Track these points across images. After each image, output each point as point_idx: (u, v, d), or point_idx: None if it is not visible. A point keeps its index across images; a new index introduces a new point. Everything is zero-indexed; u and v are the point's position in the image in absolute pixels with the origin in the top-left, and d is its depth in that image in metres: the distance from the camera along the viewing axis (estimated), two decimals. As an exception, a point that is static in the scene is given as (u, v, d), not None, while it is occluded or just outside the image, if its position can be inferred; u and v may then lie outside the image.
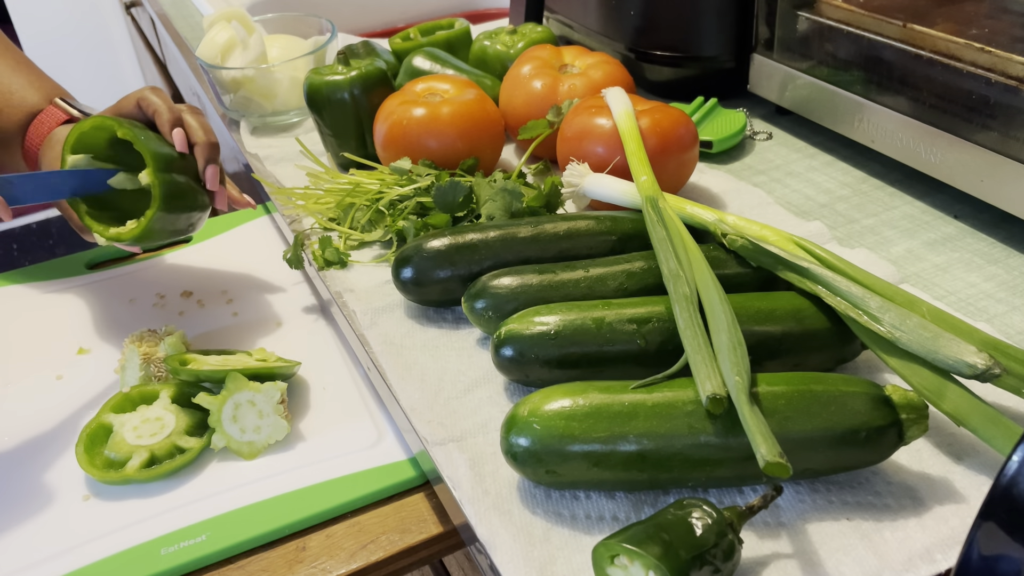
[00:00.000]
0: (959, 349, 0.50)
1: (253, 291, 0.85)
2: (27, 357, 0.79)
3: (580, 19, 1.04)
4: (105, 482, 0.64)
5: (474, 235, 0.67)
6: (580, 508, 0.52)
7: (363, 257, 0.77)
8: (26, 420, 0.72)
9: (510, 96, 0.87)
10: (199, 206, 0.77)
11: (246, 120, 1.03)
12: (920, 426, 0.50)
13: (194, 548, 0.59)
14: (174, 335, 0.73)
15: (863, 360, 0.60)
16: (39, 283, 0.89)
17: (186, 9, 1.48)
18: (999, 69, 0.67)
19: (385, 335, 0.67)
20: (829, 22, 0.81)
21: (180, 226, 0.76)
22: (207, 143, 0.76)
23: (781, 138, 0.90)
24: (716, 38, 0.91)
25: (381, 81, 0.88)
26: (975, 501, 0.50)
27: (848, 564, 0.47)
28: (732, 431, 0.49)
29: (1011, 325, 0.63)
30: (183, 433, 0.67)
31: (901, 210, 0.77)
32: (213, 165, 0.76)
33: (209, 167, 0.76)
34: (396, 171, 0.78)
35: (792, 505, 0.51)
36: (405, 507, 0.62)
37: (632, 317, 0.57)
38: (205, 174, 0.76)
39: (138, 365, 0.72)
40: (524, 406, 0.51)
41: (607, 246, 0.67)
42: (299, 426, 0.68)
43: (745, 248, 0.62)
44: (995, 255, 0.70)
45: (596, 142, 0.74)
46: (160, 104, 0.76)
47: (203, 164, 0.76)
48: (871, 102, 0.78)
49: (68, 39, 2.55)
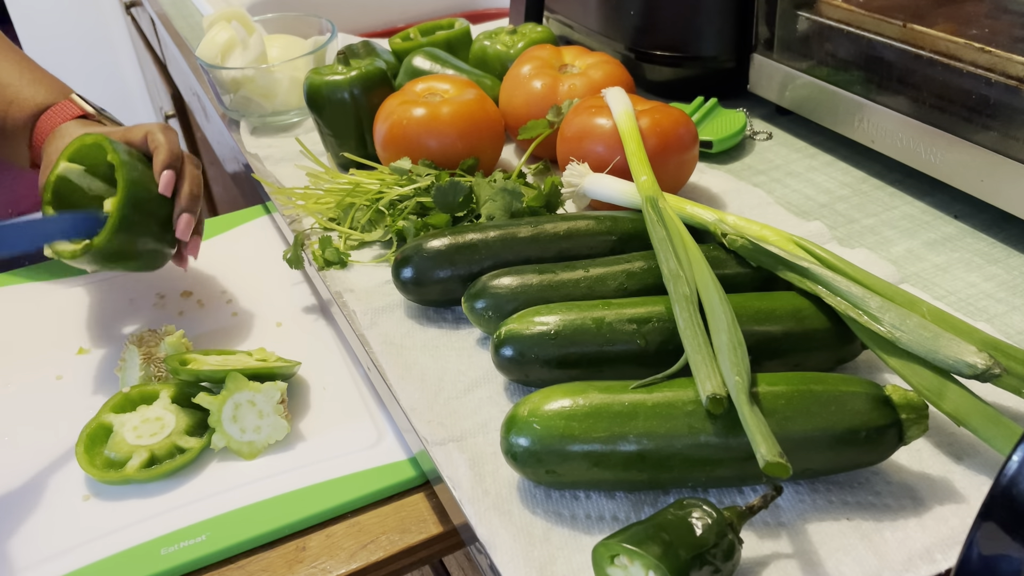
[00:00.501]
0: (959, 349, 0.50)
1: (253, 291, 0.85)
2: (27, 357, 0.79)
3: (580, 19, 1.04)
4: (105, 482, 0.64)
5: (474, 235, 0.67)
6: (580, 508, 0.52)
7: (363, 257, 0.77)
8: (26, 420, 0.72)
9: (510, 96, 0.87)
10: (157, 247, 0.76)
11: (246, 120, 1.03)
12: (920, 426, 0.50)
13: (194, 548, 0.59)
14: (174, 335, 0.73)
15: (863, 360, 0.60)
16: (39, 283, 0.89)
17: (186, 9, 1.48)
18: (999, 69, 0.67)
19: (385, 335, 0.67)
20: (829, 22, 0.81)
21: (129, 260, 0.75)
22: (190, 193, 0.76)
23: (781, 138, 0.90)
24: (716, 38, 0.91)
25: (381, 81, 0.88)
26: (975, 501, 0.50)
27: (848, 564, 0.47)
28: (732, 431, 0.49)
29: (1011, 325, 0.63)
30: (183, 433, 0.67)
31: (901, 210, 0.77)
32: (189, 215, 0.76)
33: (184, 215, 0.76)
34: (396, 171, 0.78)
35: (792, 505, 0.51)
36: (405, 507, 0.62)
37: (632, 317, 0.57)
38: (178, 221, 0.76)
39: (138, 365, 0.72)
40: (524, 406, 0.51)
41: (607, 246, 0.67)
42: (299, 426, 0.68)
43: (745, 248, 0.62)
44: (995, 255, 0.70)
45: (596, 142, 0.74)
46: (162, 143, 0.76)
47: (179, 211, 0.76)
48: (871, 102, 0.78)
49: (68, 39, 2.55)
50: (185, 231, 0.76)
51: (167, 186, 0.75)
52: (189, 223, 0.76)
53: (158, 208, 0.75)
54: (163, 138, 0.77)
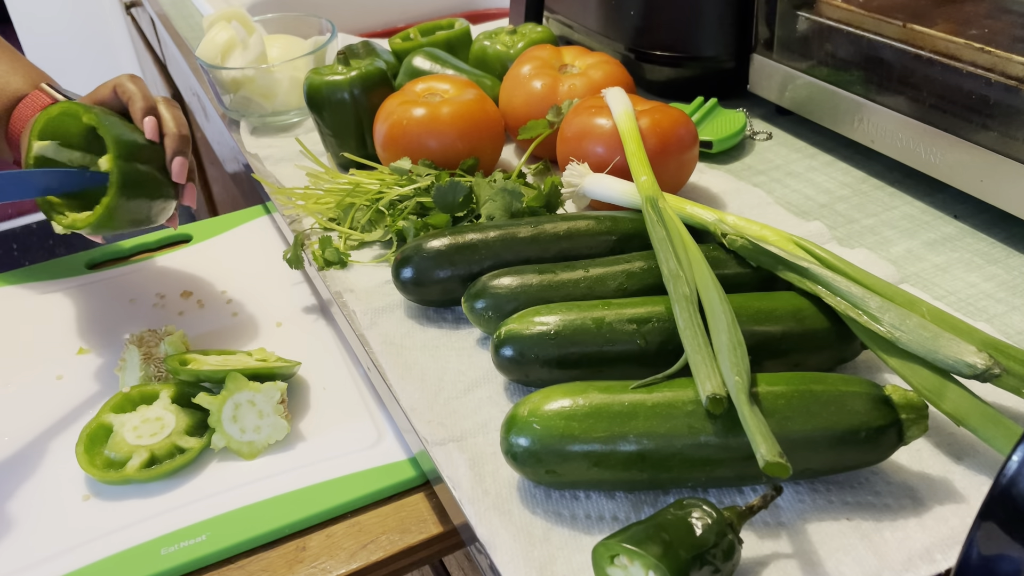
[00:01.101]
0: (959, 349, 0.50)
1: (253, 291, 0.85)
2: (27, 357, 0.79)
3: (580, 19, 1.04)
4: (105, 482, 0.64)
5: (474, 235, 0.67)
6: (580, 508, 0.52)
7: (363, 257, 0.77)
8: (26, 420, 0.72)
9: (510, 96, 0.87)
10: (162, 196, 0.76)
11: (246, 120, 1.03)
12: (920, 426, 0.50)
13: (194, 548, 0.59)
14: (174, 335, 0.73)
15: (863, 360, 0.60)
16: (39, 283, 0.89)
17: (186, 9, 1.48)
18: (999, 69, 0.67)
19: (385, 335, 0.67)
20: (829, 22, 0.81)
21: (140, 215, 0.74)
22: (178, 134, 0.75)
23: (781, 138, 0.90)
24: (716, 38, 0.91)
25: (381, 81, 0.88)
26: (975, 501, 0.50)
27: (848, 564, 0.47)
28: (732, 431, 0.49)
29: (1011, 325, 0.63)
30: (183, 433, 0.67)
31: (901, 210, 0.77)
32: (182, 157, 0.75)
33: (177, 158, 0.75)
34: (396, 171, 0.78)
35: (792, 505, 0.51)
36: (405, 507, 0.62)
37: (632, 317, 0.57)
38: (172, 165, 0.75)
39: (138, 365, 0.72)
40: (524, 406, 0.51)
41: (607, 246, 0.67)
42: (299, 426, 0.68)
43: (745, 248, 0.62)
44: (995, 255, 0.70)
45: (596, 142, 0.74)
46: (135, 91, 0.75)
47: (171, 154, 0.75)
48: (871, 102, 0.78)
49: (68, 39, 2.55)
50: (181, 173, 0.75)
51: (152, 131, 0.74)
52: (183, 164, 0.75)
53: (150, 157, 0.74)
54: (134, 87, 0.75)
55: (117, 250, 0.94)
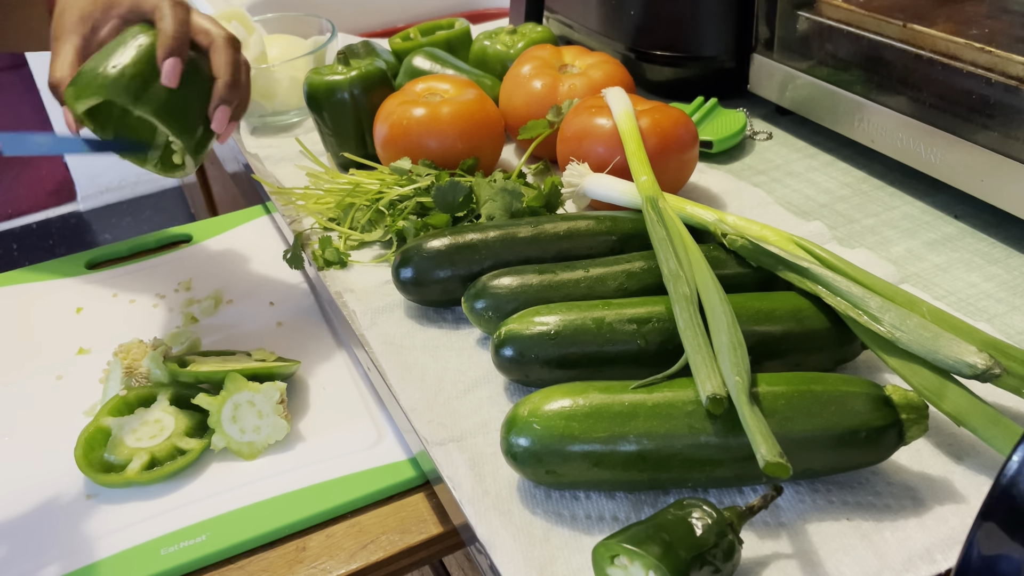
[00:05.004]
0: (959, 349, 0.50)
1: (253, 291, 0.85)
2: (27, 357, 0.79)
3: (580, 19, 1.04)
4: (106, 485, 0.64)
5: (474, 235, 0.67)
6: (580, 508, 0.52)
7: (363, 257, 0.77)
8: (26, 420, 0.72)
9: (510, 96, 0.87)
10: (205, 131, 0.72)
11: (246, 120, 1.03)
12: (920, 426, 0.50)
13: (194, 548, 0.59)
14: (157, 349, 0.71)
15: (863, 360, 0.60)
16: (39, 283, 0.89)
17: (186, 9, 1.48)
18: (999, 69, 0.67)
19: (385, 335, 0.67)
20: (829, 22, 0.81)
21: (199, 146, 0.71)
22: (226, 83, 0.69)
23: (781, 138, 0.90)
24: (716, 38, 0.91)
25: (381, 81, 0.88)
26: (975, 501, 0.50)
27: (848, 564, 0.47)
28: (732, 431, 0.49)
29: (1011, 325, 0.63)
30: (183, 435, 0.67)
31: (901, 210, 0.77)
32: (225, 107, 0.70)
33: (221, 108, 0.70)
34: (396, 171, 0.78)
35: (792, 505, 0.51)
36: (405, 507, 0.62)
37: (632, 317, 0.57)
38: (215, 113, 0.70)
39: (120, 379, 0.70)
40: (524, 406, 0.51)
41: (607, 246, 0.67)
42: (299, 426, 0.68)
43: (745, 248, 0.62)
44: (995, 255, 0.70)
45: (596, 142, 0.74)
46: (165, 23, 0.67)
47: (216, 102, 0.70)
48: (871, 102, 0.78)
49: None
50: (221, 123, 0.70)
51: (169, 77, 0.67)
52: (224, 114, 0.70)
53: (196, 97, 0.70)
54: (169, 13, 0.67)
55: (117, 250, 0.94)
